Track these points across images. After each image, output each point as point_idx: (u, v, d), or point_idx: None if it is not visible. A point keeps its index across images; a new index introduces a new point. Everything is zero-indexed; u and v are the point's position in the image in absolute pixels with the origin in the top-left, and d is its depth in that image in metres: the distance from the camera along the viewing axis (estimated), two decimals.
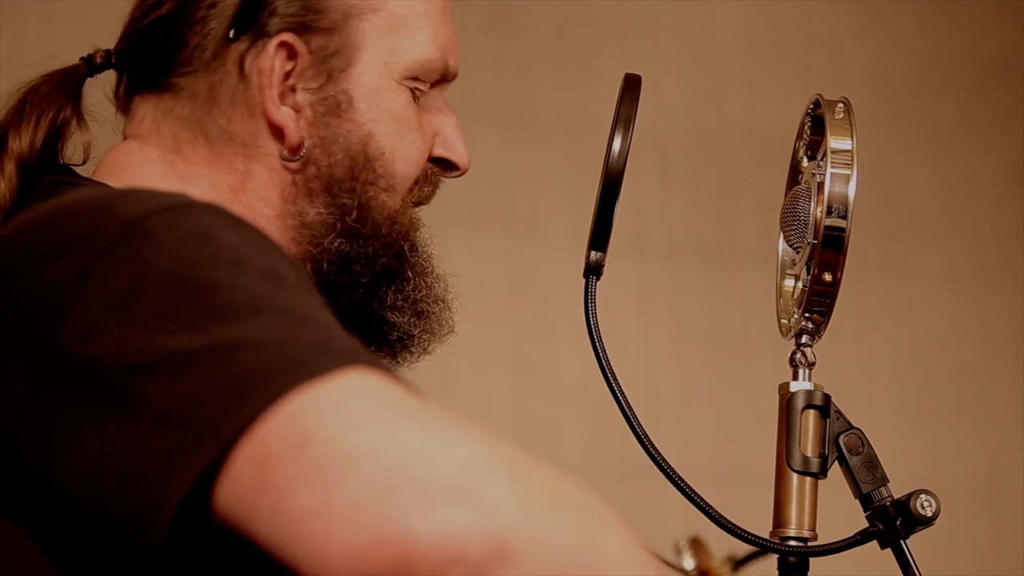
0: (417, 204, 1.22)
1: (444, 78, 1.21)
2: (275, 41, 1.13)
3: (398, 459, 0.73)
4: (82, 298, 0.82)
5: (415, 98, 1.19)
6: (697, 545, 2.05)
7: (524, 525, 0.72)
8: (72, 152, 1.17)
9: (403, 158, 1.18)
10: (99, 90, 1.21)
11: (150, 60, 1.16)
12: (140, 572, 0.77)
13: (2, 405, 0.83)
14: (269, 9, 1.13)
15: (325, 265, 1.16)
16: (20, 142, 1.12)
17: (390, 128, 1.17)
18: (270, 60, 1.13)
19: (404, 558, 0.70)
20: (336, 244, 1.15)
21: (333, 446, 0.73)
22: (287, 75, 1.14)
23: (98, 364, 0.80)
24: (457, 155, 1.22)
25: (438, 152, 1.22)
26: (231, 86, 1.14)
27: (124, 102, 1.19)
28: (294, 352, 0.78)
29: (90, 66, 1.20)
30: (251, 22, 1.13)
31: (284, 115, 1.14)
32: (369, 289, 1.18)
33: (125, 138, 1.19)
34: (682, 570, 2.03)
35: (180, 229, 0.85)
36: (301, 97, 1.14)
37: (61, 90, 1.17)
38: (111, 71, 1.21)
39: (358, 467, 0.72)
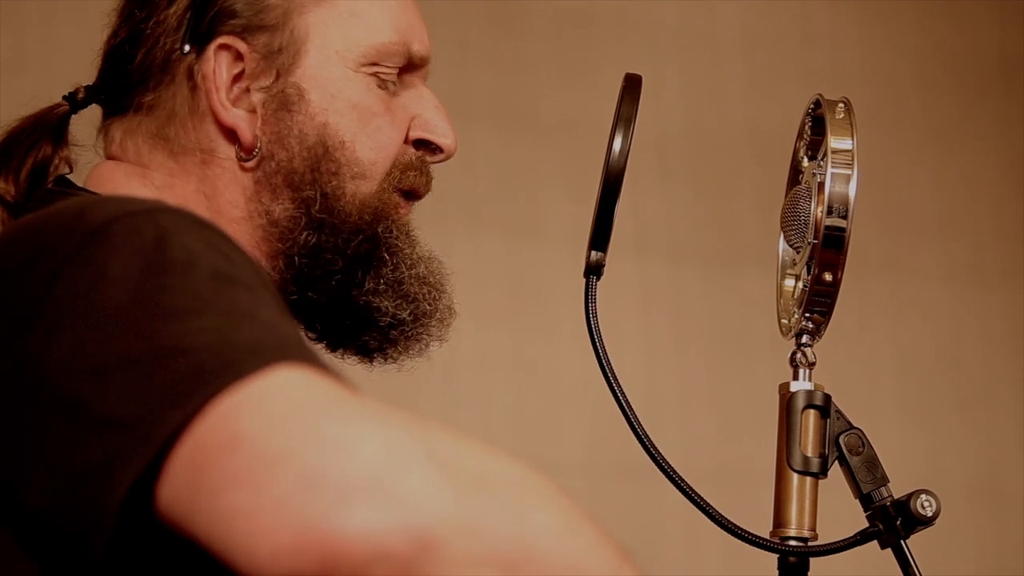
0: (411, 194, 1.22)
1: (412, 62, 1.22)
2: (214, 44, 1.15)
3: (319, 457, 0.74)
4: (48, 304, 0.84)
5: (383, 85, 1.19)
6: None
7: (447, 514, 0.73)
8: (55, 167, 1.20)
9: (368, 144, 1.18)
10: (90, 123, 1.24)
11: (114, 85, 1.20)
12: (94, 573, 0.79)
13: None
14: (210, 17, 1.16)
15: (297, 259, 1.17)
16: (5, 186, 1.16)
17: (350, 116, 1.17)
18: (211, 63, 1.15)
19: (328, 557, 0.71)
20: (303, 237, 1.17)
21: (257, 447, 0.75)
22: (238, 77, 1.16)
23: (51, 370, 0.82)
24: (438, 135, 1.22)
25: (417, 134, 1.22)
26: (184, 96, 1.17)
27: (105, 128, 1.22)
28: (226, 353, 0.80)
29: (72, 103, 1.23)
30: (196, 32, 1.16)
31: (235, 116, 1.16)
32: (345, 275, 1.18)
33: (106, 159, 1.22)
34: None
35: (138, 234, 0.87)
36: (255, 97, 1.16)
37: (38, 132, 1.20)
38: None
39: (282, 467, 0.74)
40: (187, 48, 1.16)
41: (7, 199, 1.15)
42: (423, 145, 1.22)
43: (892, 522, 1.17)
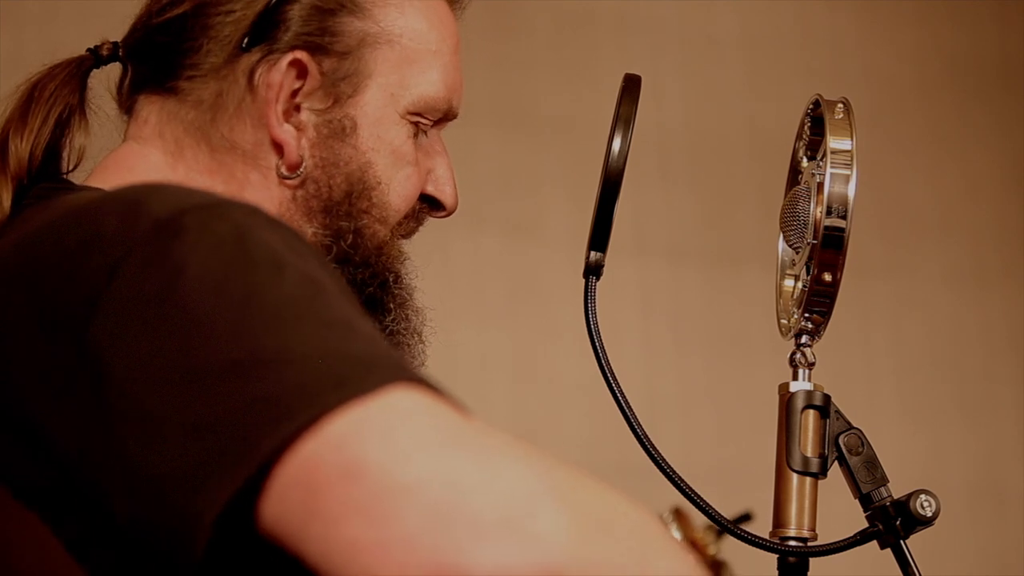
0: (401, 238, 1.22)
1: (446, 117, 1.22)
2: (288, 58, 1.13)
3: (451, 492, 0.72)
4: (111, 295, 0.80)
5: (417, 134, 1.19)
6: (680, 516, 2.06)
7: (576, 556, 0.72)
8: (65, 157, 1.15)
9: (397, 192, 1.18)
10: (100, 83, 1.21)
11: (159, 59, 1.16)
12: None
13: (34, 397, 0.82)
14: (286, 25, 1.13)
15: None
16: (22, 145, 1.11)
17: (388, 160, 1.17)
18: (280, 76, 1.13)
19: None
20: None
21: (385, 477, 0.72)
22: (294, 93, 1.14)
23: (131, 370, 0.78)
24: (445, 196, 1.23)
25: (428, 190, 1.22)
26: (238, 95, 1.14)
27: (128, 99, 1.19)
28: (337, 367, 0.77)
29: (96, 58, 1.19)
30: (266, 34, 1.13)
31: (286, 132, 1.14)
32: None
33: (126, 138, 1.18)
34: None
35: (215, 229, 0.83)
36: (305, 116, 1.14)
37: (68, 86, 1.16)
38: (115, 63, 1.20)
39: (411, 500, 0.72)
40: (253, 49, 1.13)
41: (21, 163, 1.10)
42: (427, 200, 1.22)
43: (892, 522, 1.17)
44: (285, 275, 0.81)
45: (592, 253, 1.19)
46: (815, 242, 1.18)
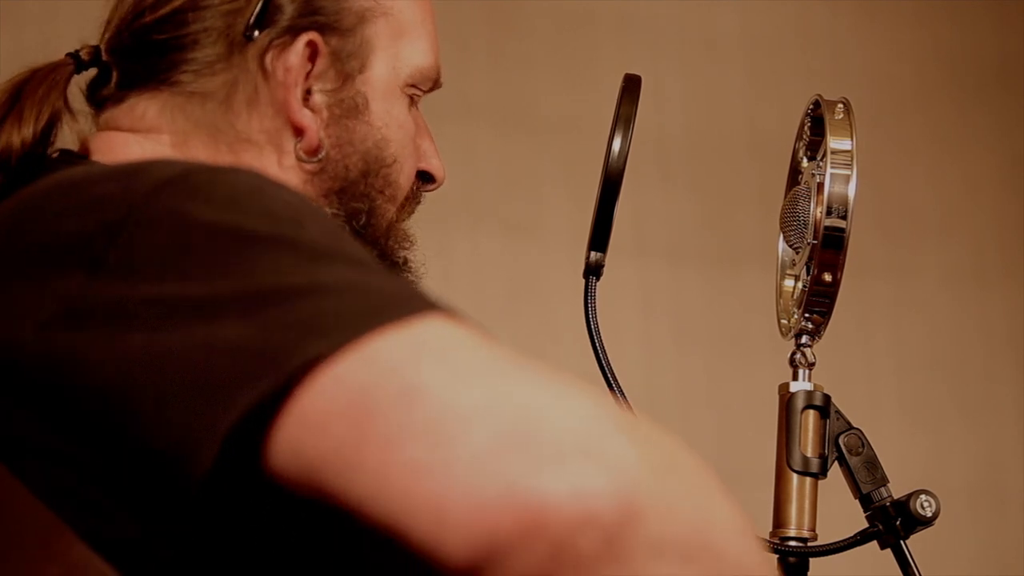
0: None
1: (434, 86, 1.21)
2: (303, 40, 1.11)
3: (518, 415, 0.68)
4: (115, 251, 0.78)
5: (410, 107, 1.18)
6: None
7: (650, 487, 0.68)
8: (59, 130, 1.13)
9: (404, 169, 1.18)
10: (74, 83, 1.19)
11: (155, 55, 1.13)
12: (174, 506, 0.73)
13: (29, 337, 0.78)
14: (288, 6, 1.12)
15: None
16: (13, 137, 1.09)
17: (399, 134, 1.16)
18: (298, 58, 1.11)
19: (534, 518, 0.65)
20: None
21: (448, 399, 0.68)
22: (306, 75, 1.12)
23: (149, 310, 0.75)
24: (434, 167, 1.22)
25: (421, 165, 1.21)
26: (250, 84, 1.12)
27: (114, 97, 1.15)
28: (373, 298, 0.73)
29: (78, 62, 1.17)
30: (269, 19, 1.11)
31: (305, 116, 1.12)
32: None
33: (119, 129, 1.14)
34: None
35: (228, 184, 0.80)
36: (318, 98, 1.13)
37: (56, 89, 1.14)
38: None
39: (479, 421, 0.67)
40: (258, 33, 1.11)
41: (14, 151, 1.07)
42: (419, 174, 1.21)
43: (892, 522, 1.17)
44: (305, 225, 0.79)
45: (592, 253, 1.19)
46: (815, 242, 1.18)
